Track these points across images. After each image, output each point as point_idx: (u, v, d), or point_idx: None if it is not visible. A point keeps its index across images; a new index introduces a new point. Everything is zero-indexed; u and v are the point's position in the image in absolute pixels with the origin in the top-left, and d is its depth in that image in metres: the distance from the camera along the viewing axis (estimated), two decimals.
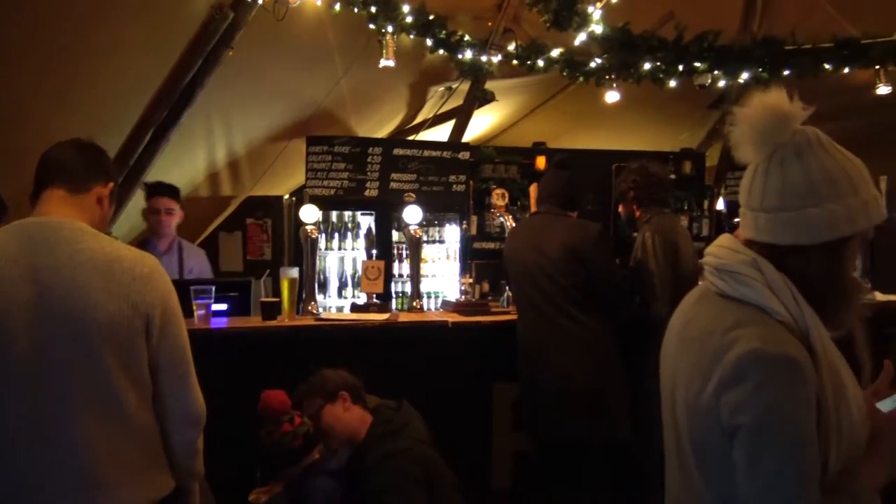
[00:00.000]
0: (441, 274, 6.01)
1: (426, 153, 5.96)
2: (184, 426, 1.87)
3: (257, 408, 2.62)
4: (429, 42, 5.30)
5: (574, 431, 3.09)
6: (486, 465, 3.68)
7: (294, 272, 3.57)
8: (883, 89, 5.53)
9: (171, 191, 4.11)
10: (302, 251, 3.87)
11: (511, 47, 5.66)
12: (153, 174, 4.96)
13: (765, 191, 1.35)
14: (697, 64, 5.44)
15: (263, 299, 3.57)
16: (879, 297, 4.58)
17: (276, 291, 3.76)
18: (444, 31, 5.30)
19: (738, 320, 1.30)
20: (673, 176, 7.16)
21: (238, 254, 7.05)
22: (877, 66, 5.38)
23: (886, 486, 1.32)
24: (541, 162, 6.57)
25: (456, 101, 6.47)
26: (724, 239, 1.45)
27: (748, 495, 1.23)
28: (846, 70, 5.53)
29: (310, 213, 3.79)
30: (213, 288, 3.30)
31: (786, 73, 5.51)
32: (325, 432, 2.61)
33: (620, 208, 3.75)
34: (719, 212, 6.95)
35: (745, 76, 5.53)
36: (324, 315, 3.79)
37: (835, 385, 1.28)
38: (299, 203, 5.68)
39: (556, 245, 3.18)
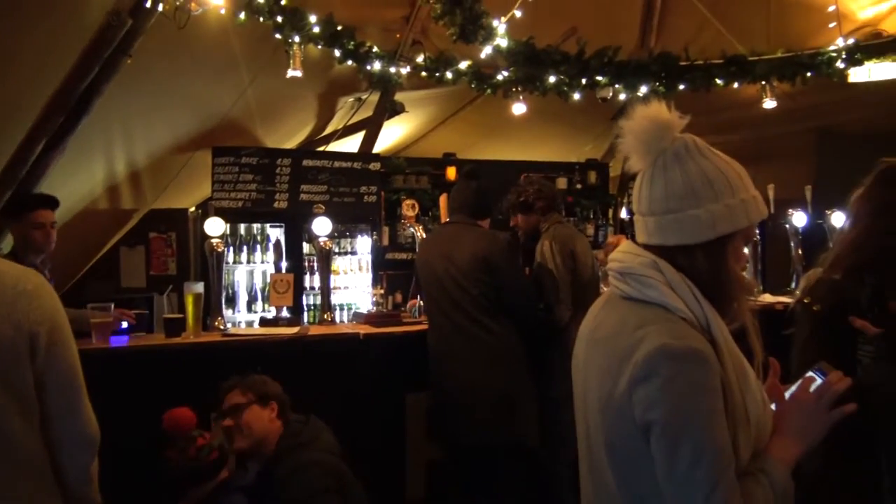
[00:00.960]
0: (353, 285, 5.98)
1: (336, 164, 5.92)
2: (76, 451, 1.77)
3: (163, 428, 2.53)
4: (337, 53, 5.27)
5: (484, 438, 3.13)
6: (399, 475, 3.67)
7: (199, 287, 3.47)
8: (769, 103, 5.86)
9: (53, 202, 3.83)
10: (208, 265, 3.77)
11: (420, 59, 5.70)
12: (47, 186, 4.71)
13: (651, 196, 1.41)
14: (599, 78, 5.64)
15: (166, 315, 3.45)
16: (769, 298, 4.86)
17: (182, 307, 3.64)
18: (352, 42, 5.29)
19: (643, 320, 1.35)
20: (579, 186, 7.40)
21: (141, 269, 6.78)
22: (762, 82, 5.69)
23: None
24: (451, 172, 6.65)
25: (366, 112, 6.45)
26: (626, 244, 1.51)
27: (668, 487, 1.27)
28: (735, 85, 5.85)
29: (215, 226, 3.70)
30: (112, 305, 3.16)
31: (681, 87, 5.79)
32: (240, 430, 2.54)
33: (519, 219, 3.80)
34: (622, 220, 7.20)
35: (643, 90, 5.77)
36: (231, 330, 3.70)
37: (738, 373, 1.34)
38: (205, 216, 5.52)
39: (466, 255, 3.22)
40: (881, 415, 1.29)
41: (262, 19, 4.73)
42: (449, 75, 5.69)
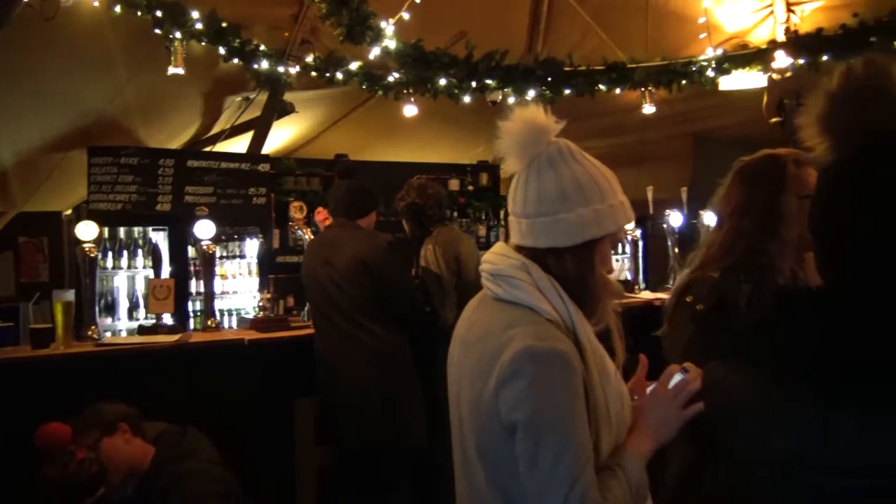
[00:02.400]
0: (243, 290, 5.81)
1: (224, 165, 5.74)
2: None
3: (36, 445, 2.38)
4: (222, 51, 5.12)
5: (371, 440, 3.12)
6: (289, 482, 3.61)
7: (69, 295, 3.28)
8: (648, 109, 6.15)
9: None
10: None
11: (309, 59, 5.63)
12: None
13: (525, 198, 1.44)
14: (489, 81, 5.74)
15: (33, 326, 3.24)
16: (648, 295, 5.10)
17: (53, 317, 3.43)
18: (238, 40, 5.15)
19: (511, 321, 1.37)
20: (471, 187, 7.51)
21: (9, 276, 6.34)
22: (642, 88, 5.96)
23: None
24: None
25: (254, 112, 6.30)
26: (498, 246, 1.53)
27: (531, 485, 1.29)
28: (617, 91, 6.10)
29: (88, 230, 3.51)
30: None
31: (567, 91, 5.98)
32: (105, 467, 2.41)
33: (404, 223, 3.84)
34: None
35: (531, 94, 5.92)
36: (106, 340, 3.52)
37: (601, 373, 1.39)
38: (80, 219, 5.23)
39: (346, 258, 3.20)
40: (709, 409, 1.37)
41: (139, 13, 4.53)
42: (339, 76, 5.65)
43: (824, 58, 5.24)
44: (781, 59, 5.39)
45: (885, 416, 0.85)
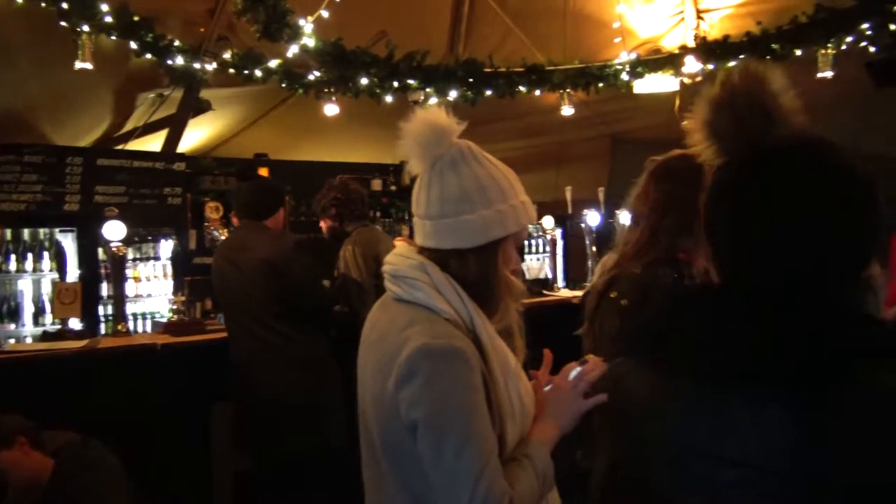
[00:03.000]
0: (157, 293, 5.63)
1: (136, 164, 5.55)
2: None
3: None
4: (134, 45, 4.95)
5: (290, 444, 3.08)
6: (206, 487, 3.52)
7: None
8: (567, 110, 6.28)
9: None
10: None
11: (226, 55, 5.49)
12: None
13: (428, 200, 1.44)
14: (410, 81, 5.75)
15: None
16: (566, 293, 5.22)
17: None
18: (151, 35, 4.99)
19: (409, 321, 1.38)
20: (394, 187, 7.50)
21: None
22: (560, 90, 6.08)
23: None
24: (263, 173, 6.46)
25: (169, 109, 6.10)
26: (400, 247, 1.54)
27: (437, 481, 1.30)
28: (537, 92, 6.21)
29: None
30: None
31: (488, 92, 6.05)
32: (2, 482, 2.30)
33: (323, 223, 3.80)
34: None
35: (453, 94, 5.96)
36: (7, 346, 3.35)
37: (504, 369, 1.41)
38: None
39: (253, 260, 3.13)
40: None
41: (43, 4, 4.33)
42: (258, 73, 5.54)
43: (731, 63, 5.47)
44: (691, 64, 5.60)
45: (774, 409, 0.88)
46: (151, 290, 5.60)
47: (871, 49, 5.22)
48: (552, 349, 1.59)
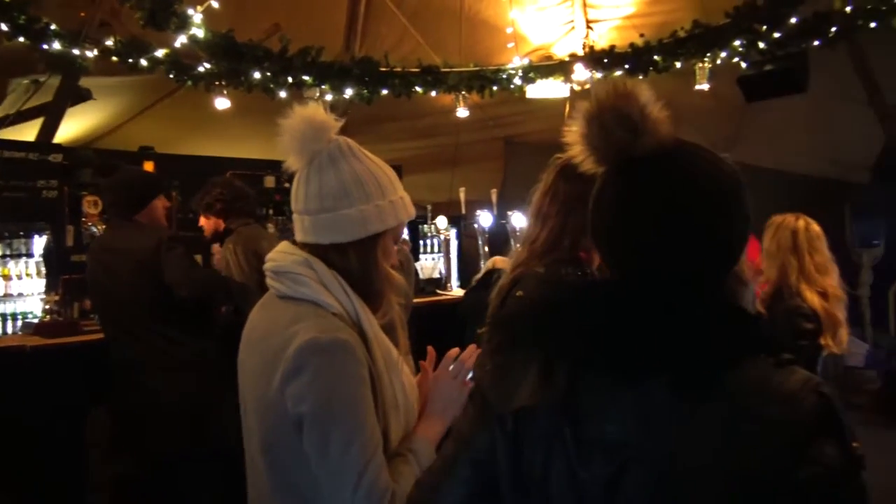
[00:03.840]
0: (31, 292, 5.28)
1: (7, 154, 5.19)
2: None
3: None
4: (4, 27, 4.63)
5: (172, 448, 2.98)
6: (82, 493, 3.35)
7: None
8: (461, 112, 6.37)
9: None
10: None
11: (109, 42, 5.23)
12: None
13: (307, 195, 1.45)
14: (305, 77, 5.66)
15: None
16: (459, 292, 5.30)
17: None
18: (23, 17, 4.68)
19: (296, 317, 1.38)
20: (287, 184, 7.36)
21: None
22: (455, 92, 6.15)
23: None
24: (149, 167, 6.19)
25: (45, 97, 5.75)
26: (283, 244, 1.53)
27: (322, 476, 1.30)
28: (433, 93, 6.26)
29: None
30: None
31: (384, 91, 6.05)
32: None
33: (202, 221, 3.67)
34: None
35: (349, 92, 5.92)
36: None
37: (388, 363, 1.43)
38: None
39: (123, 261, 3.00)
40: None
41: None
42: (144, 62, 5.30)
43: (618, 72, 5.72)
44: (580, 72, 5.81)
45: (653, 398, 0.93)
46: (23, 290, 5.25)
47: (743, 65, 5.58)
48: (446, 347, 1.62)
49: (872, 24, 4.82)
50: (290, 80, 5.62)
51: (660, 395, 0.93)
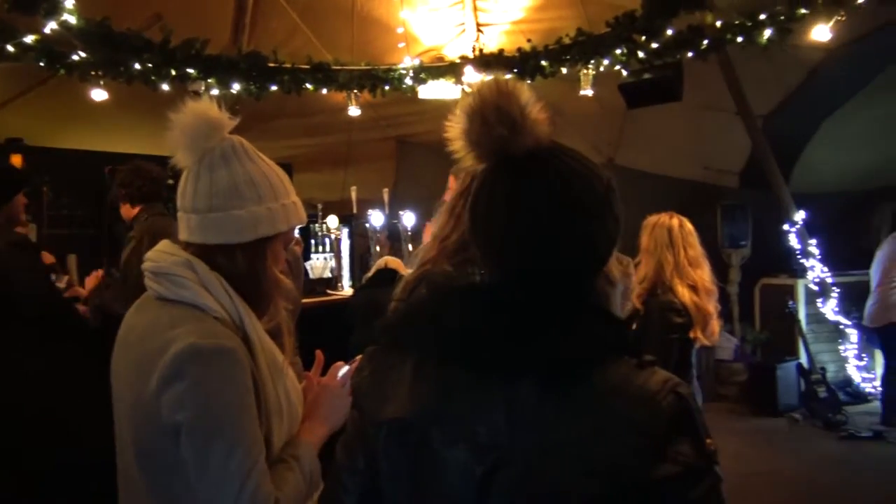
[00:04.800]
0: None
1: None
2: None
3: None
4: None
5: (37, 460, 2.80)
6: None
7: None
8: (353, 111, 6.33)
9: None
10: None
11: None
12: None
13: (195, 193, 1.40)
14: (190, 70, 5.46)
15: None
16: (350, 292, 5.27)
17: None
18: None
19: (175, 320, 1.33)
20: (171, 181, 7.07)
21: None
22: (347, 91, 6.11)
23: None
24: (17, 160, 5.80)
25: None
26: (163, 244, 1.48)
27: (201, 486, 1.25)
28: (324, 91, 6.18)
29: None
30: None
31: (273, 87, 5.92)
32: None
33: (123, 211, 3.54)
34: None
35: (236, 87, 5.75)
36: None
37: (272, 369, 1.40)
38: None
39: None
40: None
41: None
42: (10, 49, 4.95)
43: (507, 76, 5.84)
44: (471, 74, 5.90)
45: (520, 397, 0.95)
46: None
47: (624, 72, 5.83)
48: (336, 348, 1.61)
49: (739, 39, 5.14)
50: (173, 72, 5.40)
51: (528, 395, 0.94)
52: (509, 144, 1.00)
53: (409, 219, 5.46)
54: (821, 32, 4.90)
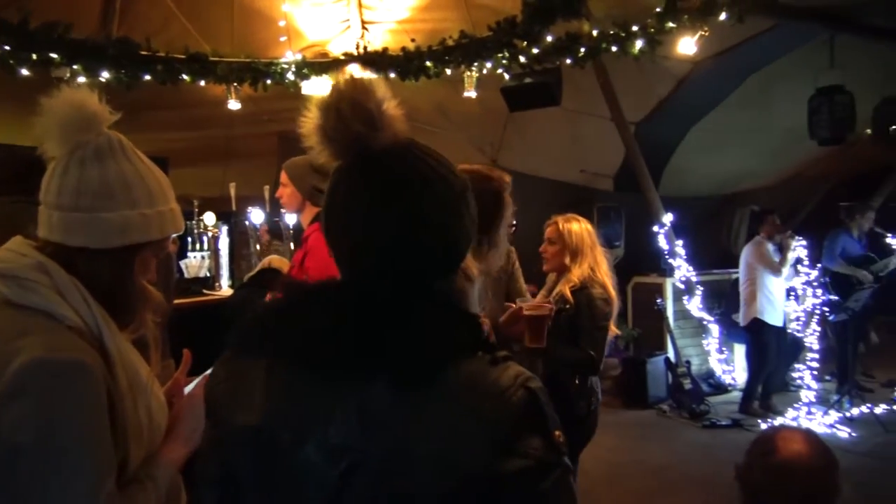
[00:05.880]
0: None
1: None
2: None
3: None
4: None
5: None
6: None
7: None
8: (233, 104, 6.12)
9: None
10: None
11: None
12: None
13: (61, 188, 1.30)
14: (53, 55, 5.10)
15: None
16: (229, 292, 5.10)
17: None
18: None
19: (22, 329, 1.22)
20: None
21: None
22: (226, 83, 5.90)
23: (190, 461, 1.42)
24: None
25: None
26: (14, 242, 1.35)
27: None
28: (202, 83, 5.94)
29: None
30: None
31: (147, 77, 5.63)
32: None
33: None
34: None
35: (105, 75, 5.43)
36: None
37: (134, 385, 1.31)
38: None
39: None
40: None
41: None
42: None
43: (392, 75, 5.83)
44: (355, 72, 5.85)
45: (371, 399, 0.93)
46: None
47: (506, 76, 5.97)
48: (212, 350, 1.53)
49: (614, 48, 5.37)
50: (34, 56, 5.03)
51: (381, 396, 0.93)
52: (367, 141, 0.99)
53: (291, 217, 5.34)
54: (687, 46, 5.21)
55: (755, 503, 1.80)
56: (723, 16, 4.82)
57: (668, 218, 7.25)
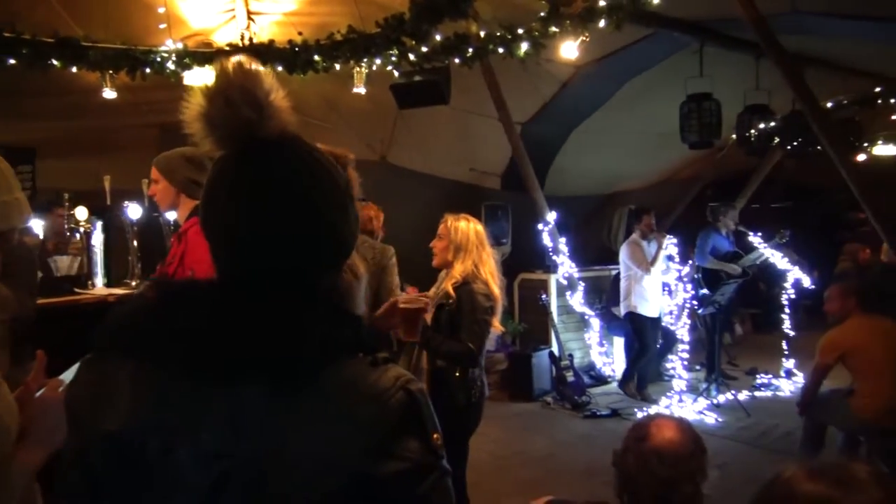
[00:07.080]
0: None
1: None
2: None
3: None
4: None
5: None
6: None
7: None
8: (108, 93, 5.80)
9: None
10: None
11: None
12: None
13: None
14: None
15: None
16: (103, 291, 4.83)
17: None
18: None
19: None
20: None
21: None
22: (100, 71, 5.59)
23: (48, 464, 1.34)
24: None
25: None
26: None
27: None
28: (73, 69, 5.60)
29: None
30: None
31: (11, 61, 5.24)
32: None
33: None
34: None
35: None
36: None
37: None
38: None
39: None
40: None
41: None
42: None
43: (279, 68, 5.70)
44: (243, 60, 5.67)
45: (247, 401, 0.90)
46: None
47: (396, 73, 5.97)
48: (83, 352, 1.45)
49: (501, 50, 5.50)
50: None
51: (255, 399, 0.90)
52: (255, 129, 0.96)
53: (171, 213, 5.11)
54: (569, 50, 5.40)
55: (628, 487, 1.92)
56: (602, 22, 5.03)
57: (552, 216, 7.49)
